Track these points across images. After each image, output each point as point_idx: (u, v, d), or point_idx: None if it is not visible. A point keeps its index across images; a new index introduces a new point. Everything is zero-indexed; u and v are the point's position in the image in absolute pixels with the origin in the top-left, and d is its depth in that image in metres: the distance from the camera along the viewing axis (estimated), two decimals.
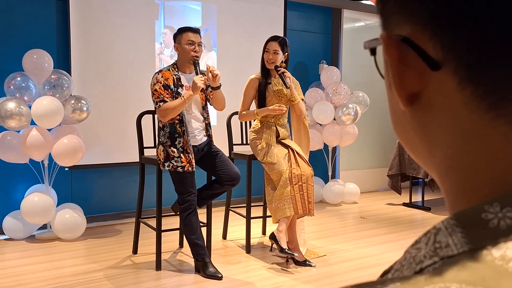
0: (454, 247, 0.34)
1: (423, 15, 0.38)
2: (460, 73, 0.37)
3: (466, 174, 0.39)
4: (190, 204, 3.59)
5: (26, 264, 3.86)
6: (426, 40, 0.39)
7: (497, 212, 0.34)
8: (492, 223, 0.34)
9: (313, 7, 6.44)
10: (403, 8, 0.40)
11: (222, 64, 5.66)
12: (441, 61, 0.38)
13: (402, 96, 0.41)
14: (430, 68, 0.39)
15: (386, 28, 0.43)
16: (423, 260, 0.35)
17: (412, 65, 0.40)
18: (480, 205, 0.35)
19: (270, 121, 4.00)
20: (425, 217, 5.63)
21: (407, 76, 0.41)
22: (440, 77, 0.38)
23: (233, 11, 5.77)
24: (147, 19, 5.23)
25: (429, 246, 0.35)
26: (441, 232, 0.35)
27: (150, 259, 3.93)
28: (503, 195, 0.35)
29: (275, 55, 3.90)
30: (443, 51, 0.38)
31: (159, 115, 3.53)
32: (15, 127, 4.20)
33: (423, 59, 0.39)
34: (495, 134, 0.37)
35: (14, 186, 4.68)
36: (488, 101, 0.37)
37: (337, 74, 6.08)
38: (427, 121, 0.41)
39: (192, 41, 3.58)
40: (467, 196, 0.39)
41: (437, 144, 0.41)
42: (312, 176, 3.90)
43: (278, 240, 3.73)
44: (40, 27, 4.72)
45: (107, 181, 5.17)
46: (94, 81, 4.95)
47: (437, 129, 0.41)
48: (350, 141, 6.14)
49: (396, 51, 0.41)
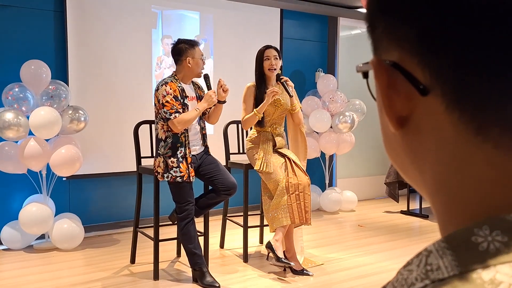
0: (444, 270, 0.34)
1: (410, 40, 0.39)
2: (447, 98, 0.38)
3: (454, 196, 0.40)
4: (188, 213, 3.60)
5: (24, 275, 3.86)
6: (414, 65, 0.39)
7: (487, 236, 0.35)
8: (481, 246, 0.34)
9: (309, 15, 6.47)
10: (391, 34, 0.41)
11: (218, 72, 5.68)
12: (429, 85, 0.39)
13: (391, 120, 0.42)
14: (419, 93, 0.39)
15: (376, 53, 0.44)
16: (414, 282, 0.35)
17: (401, 90, 0.41)
18: (470, 228, 0.36)
19: (266, 130, 4.01)
20: (423, 225, 5.63)
21: (396, 100, 0.41)
22: (429, 101, 0.39)
23: (230, 19, 5.80)
24: (144, 28, 5.25)
25: (421, 268, 0.36)
26: (432, 254, 0.36)
27: (148, 268, 3.93)
28: (493, 218, 0.36)
29: (276, 61, 3.94)
30: (431, 76, 0.38)
31: (173, 126, 3.53)
32: (13, 137, 4.21)
33: (412, 84, 0.40)
34: (481, 157, 0.38)
35: (12, 196, 4.69)
36: (475, 125, 0.37)
37: (333, 82, 6.10)
38: (417, 144, 0.42)
39: (203, 56, 3.65)
40: (454, 218, 0.40)
41: (426, 167, 0.42)
42: (309, 185, 3.91)
43: (274, 249, 3.73)
44: (37, 38, 4.74)
45: (104, 191, 5.18)
46: (92, 91, 4.97)
47: (426, 152, 0.41)
48: (347, 149, 6.15)
49: (385, 76, 0.42)
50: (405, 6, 0.39)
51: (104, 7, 4.98)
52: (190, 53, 3.65)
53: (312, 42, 6.59)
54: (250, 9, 5.93)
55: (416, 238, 5.02)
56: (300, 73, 6.47)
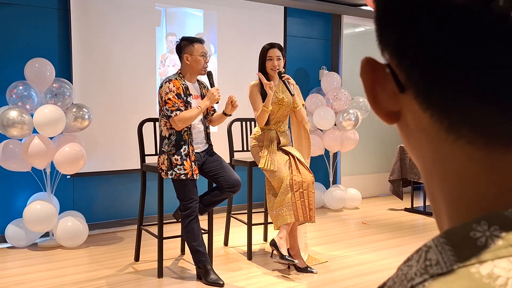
0: (443, 265, 0.35)
1: (391, 44, 0.42)
2: (419, 97, 0.40)
3: (440, 190, 0.42)
4: (192, 211, 3.61)
5: (28, 272, 3.87)
6: (394, 65, 0.42)
7: (485, 231, 0.35)
8: (480, 241, 0.35)
9: (313, 13, 6.46)
10: (383, 38, 0.43)
11: (222, 70, 5.68)
12: (405, 84, 0.41)
13: (378, 114, 0.45)
14: (398, 89, 0.42)
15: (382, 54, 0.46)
16: (413, 277, 0.36)
17: (386, 86, 0.43)
18: (469, 223, 0.36)
19: (271, 128, 4.01)
20: (426, 222, 5.63)
21: (382, 96, 0.44)
22: (408, 99, 0.42)
23: (234, 17, 5.80)
24: (148, 26, 5.25)
25: (420, 263, 0.37)
26: (432, 250, 0.37)
27: (152, 266, 3.94)
28: (491, 213, 0.36)
29: (279, 61, 3.93)
30: (406, 76, 0.41)
31: (175, 123, 3.55)
32: (17, 135, 4.22)
33: (395, 81, 0.42)
34: (461, 153, 0.39)
35: (16, 194, 4.70)
36: (446, 124, 0.39)
37: (337, 79, 6.10)
38: (410, 138, 0.44)
39: (204, 53, 3.64)
40: (442, 212, 0.42)
41: (420, 160, 0.44)
42: (313, 183, 3.91)
43: (278, 246, 3.73)
44: (41, 36, 4.75)
45: (108, 189, 5.19)
46: (96, 89, 4.98)
47: (417, 146, 0.44)
48: (351, 146, 6.15)
49: (371, 74, 0.44)
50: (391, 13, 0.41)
51: (108, 5, 4.99)
52: (189, 50, 3.65)
53: (316, 40, 6.58)
54: (253, 6, 5.93)
55: (420, 236, 5.01)
56: (304, 71, 6.47)
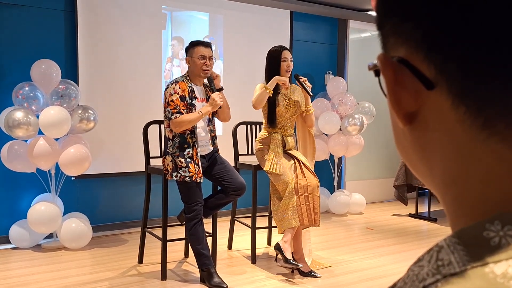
0: (456, 265, 0.34)
1: (416, 37, 0.40)
2: (453, 92, 0.38)
3: (463, 191, 0.40)
4: (196, 214, 3.60)
5: (32, 273, 3.87)
6: (420, 60, 0.40)
7: (499, 231, 0.35)
8: (493, 241, 0.34)
9: (319, 17, 6.46)
10: (398, 31, 0.41)
11: (228, 74, 5.68)
12: (434, 80, 0.39)
13: (399, 115, 0.43)
14: (425, 87, 0.40)
15: (384, 50, 0.44)
16: (425, 278, 0.35)
17: (408, 85, 0.41)
18: (482, 223, 0.36)
19: (277, 132, 4.01)
20: (431, 228, 5.60)
21: (403, 96, 0.42)
22: (435, 97, 0.40)
23: (240, 21, 5.80)
24: (154, 29, 5.26)
25: (432, 263, 0.36)
26: (444, 250, 0.36)
27: (156, 268, 3.93)
28: (504, 213, 0.36)
29: (291, 63, 3.99)
30: (436, 71, 0.39)
31: (173, 126, 3.54)
32: (22, 136, 4.22)
33: (419, 78, 0.40)
34: (489, 152, 0.38)
35: (20, 195, 4.70)
36: (481, 119, 0.38)
37: (343, 84, 6.09)
38: (425, 140, 0.42)
39: (204, 56, 3.63)
40: (465, 214, 0.40)
41: (435, 163, 0.42)
42: (318, 187, 3.90)
43: (283, 250, 3.72)
44: (48, 38, 4.76)
45: (113, 191, 5.19)
46: (102, 91, 4.98)
47: (434, 148, 0.42)
48: (356, 151, 6.14)
49: (392, 72, 0.42)
50: (411, 4, 0.39)
51: (114, 8, 5.00)
52: (189, 53, 3.67)
53: (322, 45, 6.58)
54: (259, 10, 5.93)
55: (424, 241, 4.99)
56: (310, 76, 6.44)
